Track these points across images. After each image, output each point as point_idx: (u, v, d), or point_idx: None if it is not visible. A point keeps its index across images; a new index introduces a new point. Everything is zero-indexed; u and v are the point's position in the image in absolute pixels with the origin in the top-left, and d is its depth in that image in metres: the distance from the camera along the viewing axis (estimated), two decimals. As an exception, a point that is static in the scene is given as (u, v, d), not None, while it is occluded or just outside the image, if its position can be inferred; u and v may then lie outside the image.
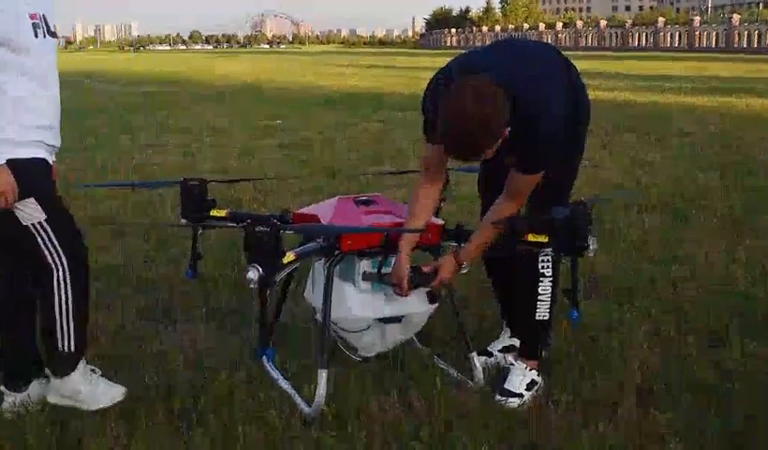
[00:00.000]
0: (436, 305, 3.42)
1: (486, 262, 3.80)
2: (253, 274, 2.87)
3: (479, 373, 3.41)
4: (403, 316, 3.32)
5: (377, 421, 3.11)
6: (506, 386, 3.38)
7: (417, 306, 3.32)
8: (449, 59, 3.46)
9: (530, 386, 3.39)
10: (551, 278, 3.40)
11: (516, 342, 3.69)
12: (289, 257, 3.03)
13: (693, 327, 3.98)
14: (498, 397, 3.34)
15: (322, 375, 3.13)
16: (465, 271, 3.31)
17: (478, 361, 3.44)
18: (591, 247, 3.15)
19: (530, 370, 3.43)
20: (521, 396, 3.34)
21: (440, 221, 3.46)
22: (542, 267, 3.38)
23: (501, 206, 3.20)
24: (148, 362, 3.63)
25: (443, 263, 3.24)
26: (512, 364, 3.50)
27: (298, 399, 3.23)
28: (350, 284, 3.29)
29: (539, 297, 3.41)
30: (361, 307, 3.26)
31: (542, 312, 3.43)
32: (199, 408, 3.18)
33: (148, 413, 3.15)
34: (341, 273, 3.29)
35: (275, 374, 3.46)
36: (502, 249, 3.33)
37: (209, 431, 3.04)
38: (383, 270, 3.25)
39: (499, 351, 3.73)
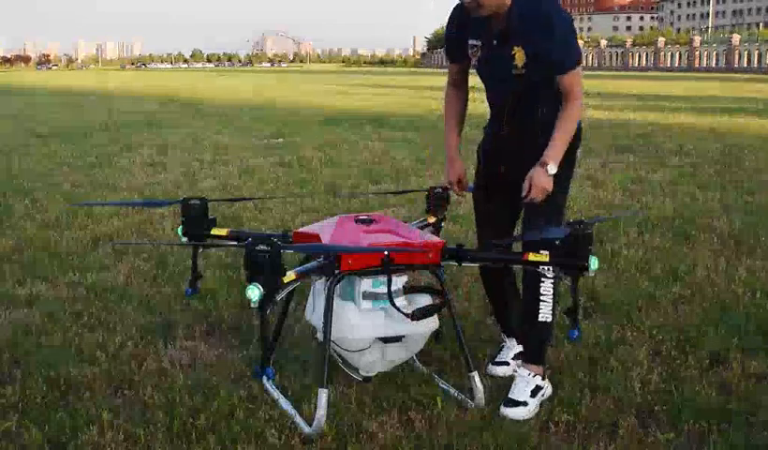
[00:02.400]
0: (437, 325, 3.43)
1: (482, 274, 3.85)
2: (253, 293, 2.88)
3: (479, 393, 3.40)
4: (403, 336, 3.32)
5: (377, 441, 3.10)
6: (510, 396, 3.38)
7: (417, 326, 3.31)
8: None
9: (535, 392, 3.39)
10: (552, 279, 3.41)
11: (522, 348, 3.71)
12: (290, 276, 3.04)
13: (694, 346, 3.98)
14: (503, 408, 3.33)
15: (322, 395, 3.12)
16: (552, 172, 3.28)
17: (478, 380, 3.43)
18: (591, 266, 3.17)
19: (534, 376, 3.43)
20: (525, 403, 3.34)
21: (441, 241, 3.46)
22: (543, 269, 3.39)
23: (568, 111, 3.31)
24: (148, 380, 3.62)
25: (533, 175, 3.27)
26: (515, 371, 3.52)
27: (298, 419, 3.22)
28: (351, 303, 3.29)
29: (542, 298, 3.42)
30: (362, 327, 3.26)
31: (545, 313, 3.44)
32: (199, 426, 3.17)
33: (147, 432, 3.14)
34: (342, 292, 3.30)
35: (276, 393, 3.46)
36: (505, 267, 3.45)
37: (209, 450, 3.04)
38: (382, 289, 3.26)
39: (513, 359, 3.76)
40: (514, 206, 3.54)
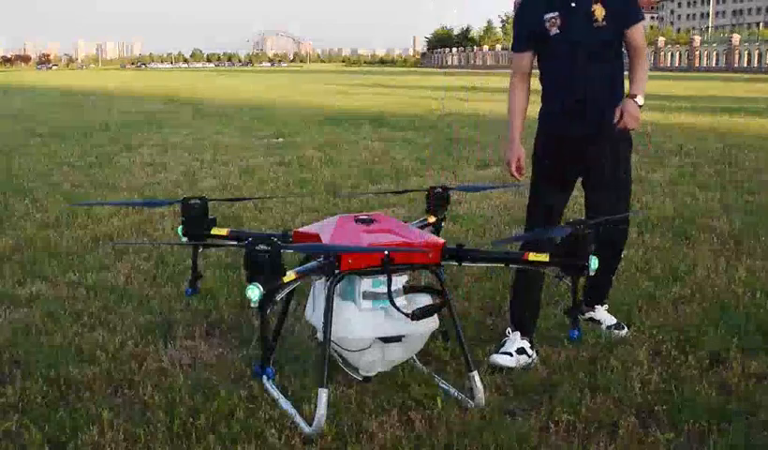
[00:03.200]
0: (437, 325, 3.43)
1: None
2: (253, 293, 2.88)
3: (479, 393, 3.40)
4: (403, 335, 3.32)
5: (377, 441, 3.10)
6: (610, 324, 4.23)
7: (417, 325, 3.31)
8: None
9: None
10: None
11: (525, 344, 3.88)
12: (290, 276, 3.03)
13: (694, 347, 3.98)
14: (616, 331, 4.17)
15: (322, 394, 3.12)
16: (641, 103, 3.76)
17: (478, 380, 3.43)
18: (591, 266, 3.16)
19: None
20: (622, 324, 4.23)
21: (441, 240, 3.46)
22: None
23: (642, 59, 3.88)
24: (148, 380, 3.62)
25: (625, 105, 3.72)
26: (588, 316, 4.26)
27: (298, 419, 3.22)
28: (351, 303, 3.29)
29: (621, 255, 4.33)
30: (362, 327, 3.26)
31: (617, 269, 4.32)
32: (199, 426, 3.17)
33: (147, 432, 3.14)
34: (342, 292, 3.30)
35: (276, 393, 3.46)
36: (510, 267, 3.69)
37: (209, 450, 3.03)
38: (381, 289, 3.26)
39: (515, 352, 3.85)
40: (566, 194, 4.04)
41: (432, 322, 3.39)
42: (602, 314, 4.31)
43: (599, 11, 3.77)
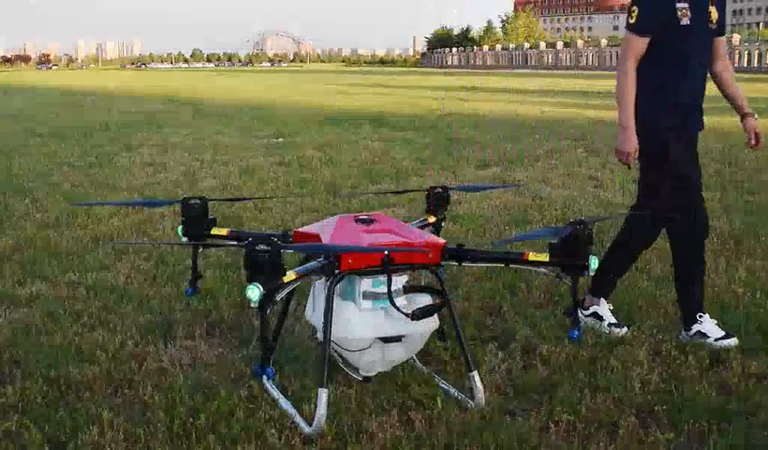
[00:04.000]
0: (437, 325, 3.43)
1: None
2: (253, 293, 2.88)
3: (479, 393, 3.40)
4: (403, 335, 3.32)
5: (377, 441, 3.10)
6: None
7: (417, 325, 3.31)
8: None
9: None
10: None
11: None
12: (290, 276, 3.04)
13: (694, 346, 3.98)
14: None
15: (322, 394, 3.12)
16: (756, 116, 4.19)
17: (478, 380, 3.43)
18: (591, 266, 3.17)
19: None
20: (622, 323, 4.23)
21: (441, 240, 3.46)
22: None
23: (726, 66, 4.28)
24: (148, 380, 3.62)
25: (757, 127, 4.18)
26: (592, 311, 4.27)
27: (298, 419, 3.22)
28: (351, 303, 3.29)
29: None
30: (362, 327, 3.26)
31: None
32: (199, 426, 3.17)
33: (147, 432, 3.14)
34: (342, 292, 3.30)
35: (275, 393, 3.46)
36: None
37: (209, 450, 3.03)
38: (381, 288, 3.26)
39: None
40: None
41: (432, 322, 3.39)
42: (605, 310, 4.30)
43: (714, 14, 4.00)
